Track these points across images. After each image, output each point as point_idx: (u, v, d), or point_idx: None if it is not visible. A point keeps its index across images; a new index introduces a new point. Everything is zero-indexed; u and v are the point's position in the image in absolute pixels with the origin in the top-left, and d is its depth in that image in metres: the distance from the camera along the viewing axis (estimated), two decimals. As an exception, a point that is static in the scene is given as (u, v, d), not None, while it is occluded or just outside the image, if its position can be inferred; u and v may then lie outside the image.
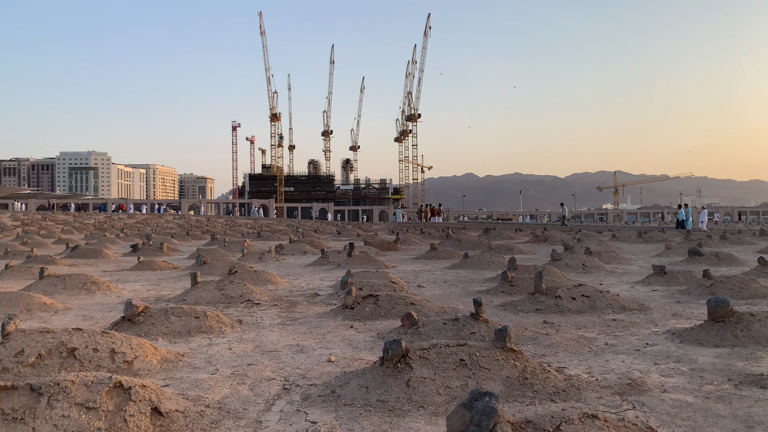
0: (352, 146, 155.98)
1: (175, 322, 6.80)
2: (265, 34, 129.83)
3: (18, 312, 8.10)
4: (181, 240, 27.24)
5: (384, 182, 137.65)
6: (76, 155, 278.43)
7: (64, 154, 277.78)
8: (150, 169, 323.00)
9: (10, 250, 19.69)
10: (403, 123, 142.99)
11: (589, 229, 31.74)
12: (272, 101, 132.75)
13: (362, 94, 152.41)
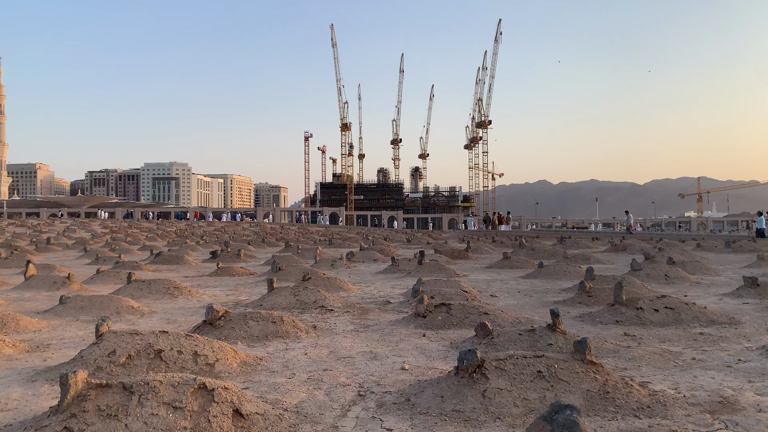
0: (421, 154, 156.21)
1: (253, 327, 7.00)
2: (336, 46, 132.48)
3: (108, 314, 8.59)
4: (257, 247, 28.09)
5: (453, 190, 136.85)
6: (160, 166, 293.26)
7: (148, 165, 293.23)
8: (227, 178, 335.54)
9: (100, 255, 20.93)
10: (473, 130, 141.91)
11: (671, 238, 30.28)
12: (343, 111, 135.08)
13: (431, 102, 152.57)
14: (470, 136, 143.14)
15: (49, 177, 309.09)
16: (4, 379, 5.18)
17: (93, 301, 9.19)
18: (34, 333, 7.54)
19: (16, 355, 6.10)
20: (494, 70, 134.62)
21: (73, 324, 8.18)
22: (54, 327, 7.95)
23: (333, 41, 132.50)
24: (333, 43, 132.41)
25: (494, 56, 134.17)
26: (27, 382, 5.08)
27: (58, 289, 11.92)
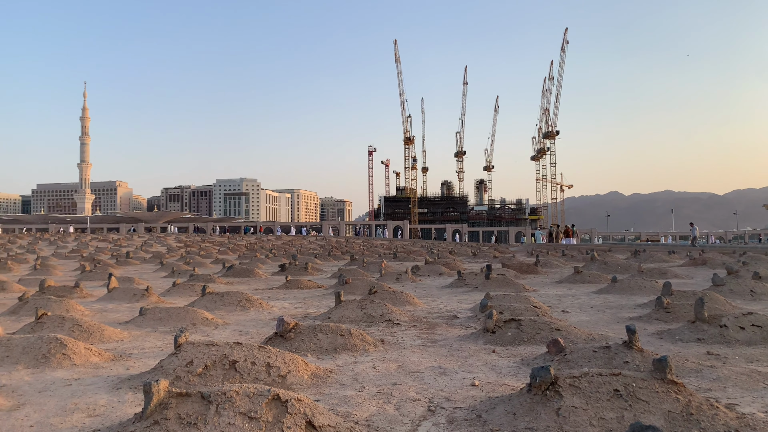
0: (486, 166, 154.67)
1: (322, 339, 7.10)
2: (399, 61, 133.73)
3: (185, 326, 8.93)
4: (323, 260, 28.51)
5: (520, 202, 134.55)
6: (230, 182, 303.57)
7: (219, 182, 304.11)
8: (294, 193, 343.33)
9: (176, 269, 21.82)
10: (539, 141, 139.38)
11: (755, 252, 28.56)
12: (406, 125, 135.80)
13: (496, 113, 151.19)
14: (537, 147, 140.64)
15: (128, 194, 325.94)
16: (91, 386, 5.47)
17: (170, 313, 9.58)
18: (117, 343, 7.93)
19: (101, 364, 6.43)
20: (561, 80, 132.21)
21: (153, 335, 8.55)
22: (135, 337, 8.34)
23: (396, 56, 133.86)
24: (396, 58, 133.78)
25: (561, 65, 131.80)
26: (112, 389, 5.34)
27: (138, 300, 12.50)
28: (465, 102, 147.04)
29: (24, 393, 5.22)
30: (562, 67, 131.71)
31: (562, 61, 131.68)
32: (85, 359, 6.42)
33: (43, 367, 6.15)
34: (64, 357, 6.33)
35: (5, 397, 5.03)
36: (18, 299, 11.84)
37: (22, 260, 29.09)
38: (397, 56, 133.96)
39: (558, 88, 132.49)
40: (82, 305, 11.63)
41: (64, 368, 6.13)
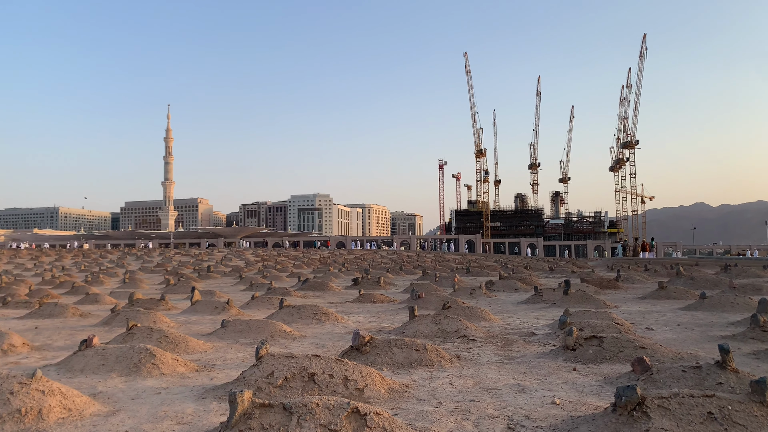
0: (562, 178, 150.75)
1: (397, 354, 7.11)
2: (470, 74, 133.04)
3: (264, 338, 9.18)
4: (395, 274, 28.60)
5: (599, 215, 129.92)
6: (304, 198, 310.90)
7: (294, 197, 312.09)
8: (365, 208, 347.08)
9: (254, 282, 22.51)
10: (618, 151, 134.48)
11: None
12: (477, 138, 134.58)
13: (571, 124, 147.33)
14: (615, 158, 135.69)
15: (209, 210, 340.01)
16: (179, 395, 5.71)
17: (250, 325, 9.88)
18: (200, 354, 8.25)
19: (187, 374, 6.70)
20: (640, 87, 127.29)
21: (234, 346, 8.84)
22: (217, 348, 8.65)
23: (467, 69, 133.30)
24: (467, 70, 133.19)
25: (639, 72, 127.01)
26: (198, 398, 5.56)
27: (219, 313, 12.97)
28: (538, 113, 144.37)
29: (118, 400, 5.52)
30: (640, 74, 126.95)
31: (641, 68, 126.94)
32: (172, 369, 6.72)
33: (135, 375, 6.49)
34: (154, 366, 6.65)
35: (102, 403, 5.34)
36: (110, 311, 12.57)
37: (112, 274, 30.90)
38: (468, 69, 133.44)
39: (636, 96, 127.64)
40: (168, 317, 12.20)
41: (154, 377, 6.44)
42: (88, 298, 16.68)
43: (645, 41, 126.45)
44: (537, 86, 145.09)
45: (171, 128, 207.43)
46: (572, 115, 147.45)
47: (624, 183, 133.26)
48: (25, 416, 4.73)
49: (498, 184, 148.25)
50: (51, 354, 8.44)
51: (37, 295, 17.58)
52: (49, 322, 12.24)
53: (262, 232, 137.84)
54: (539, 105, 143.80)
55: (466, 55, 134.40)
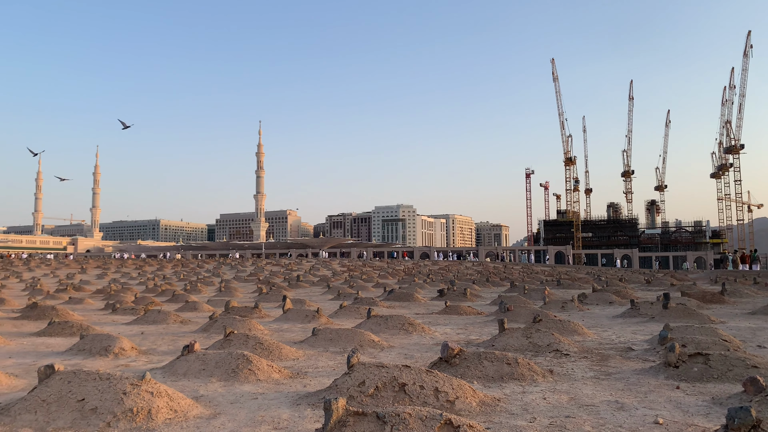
0: (658, 186, 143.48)
1: (488, 367, 7.00)
2: (557, 80, 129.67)
3: (353, 347, 9.31)
4: (481, 286, 28.21)
5: (699, 224, 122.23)
6: (388, 209, 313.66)
7: (378, 208, 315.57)
8: (449, 218, 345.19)
9: (341, 292, 22.93)
10: (720, 156, 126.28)
11: None
12: (566, 145, 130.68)
13: (667, 129, 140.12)
14: (718, 164, 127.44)
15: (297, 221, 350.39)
16: (274, 400, 5.90)
17: (339, 334, 10.06)
18: (293, 361, 8.48)
19: (281, 380, 6.92)
20: (744, 88, 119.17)
21: (324, 354, 9.03)
22: (309, 356, 8.87)
23: (554, 75, 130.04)
24: (554, 77, 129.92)
25: (744, 72, 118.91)
26: (293, 405, 5.72)
27: (309, 321, 13.30)
28: (631, 118, 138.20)
29: (219, 403, 5.78)
30: (744, 74, 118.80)
31: (745, 67, 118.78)
32: (267, 375, 6.96)
33: (233, 380, 6.77)
34: (250, 372, 6.91)
35: (204, 406, 5.61)
36: (208, 318, 13.21)
37: (209, 283, 32.47)
38: (555, 75, 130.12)
39: (741, 97, 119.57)
40: (262, 324, 12.65)
41: (251, 383, 6.70)
42: (188, 306, 17.60)
43: (749, 39, 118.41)
44: (629, 90, 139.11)
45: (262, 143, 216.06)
46: (668, 119, 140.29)
47: (727, 190, 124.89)
48: (136, 415, 5.05)
49: (589, 193, 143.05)
50: (156, 358, 8.97)
51: (142, 303, 18.76)
52: (153, 327, 13.03)
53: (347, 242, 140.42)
54: (632, 110, 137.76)
55: (553, 61, 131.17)
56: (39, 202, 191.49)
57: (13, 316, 15.37)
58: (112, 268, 50.44)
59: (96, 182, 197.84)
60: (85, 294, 24.45)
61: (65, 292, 24.96)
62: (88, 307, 18.84)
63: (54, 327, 12.04)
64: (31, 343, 10.82)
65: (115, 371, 6.79)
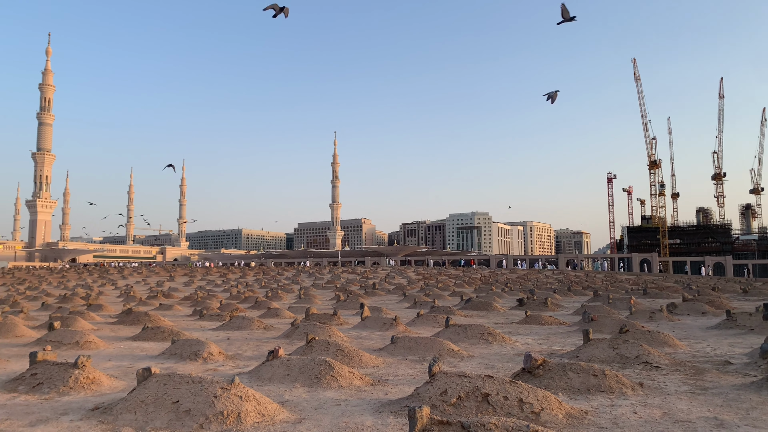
0: (753, 189, 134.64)
1: (573, 378, 6.78)
2: (639, 80, 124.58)
3: (433, 356, 9.27)
4: (562, 295, 27.38)
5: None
6: (462, 216, 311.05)
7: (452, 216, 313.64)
8: (527, 225, 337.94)
9: (417, 300, 22.90)
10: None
11: None
12: (650, 148, 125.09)
13: (763, 128, 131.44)
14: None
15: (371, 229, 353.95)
16: (357, 407, 5.97)
17: (418, 343, 10.05)
18: (373, 368, 8.55)
19: (363, 387, 6.99)
20: None
21: (404, 362, 9.04)
22: (388, 364, 8.91)
23: (636, 75, 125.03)
24: (636, 77, 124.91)
25: None
26: (375, 412, 5.76)
27: (387, 329, 13.37)
28: (722, 118, 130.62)
29: (303, 409, 5.91)
30: None
31: None
32: (349, 382, 7.05)
33: (316, 386, 6.90)
34: (333, 378, 7.02)
35: (290, 411, 5.75)
36: (290, 324, 13.55)
37: (289, 290, 33.32)
38: (637, 75, 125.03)
39: None
40: (341, 331, 12.84)
41: (333, 389, 6.80)
42: (270, 312, 18.13)
43: None
44: (719, 89, 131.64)
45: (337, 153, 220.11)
46: (764, 117, 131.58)
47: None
48: (226, 418, 5.24)
49: (676, 198, 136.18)
50: (242, 362, 9.29)
51: (227, 309, 19.50)
52: (238, 333, 13.50)
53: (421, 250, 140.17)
54: (722, 109, 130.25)
55: (635, 61, 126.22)
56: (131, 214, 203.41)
57: (111, 321, 16.38)
58: (198, 276, 52.77)
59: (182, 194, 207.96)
60: (174, 300, 25.70)
61: (156, 298, 26.36)
62: (177, 313, 19.79)
63: (147, 332, 12.73)
64: (127, 346, 11.48)
65: (205, 375, 7.08)
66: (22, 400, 6.54)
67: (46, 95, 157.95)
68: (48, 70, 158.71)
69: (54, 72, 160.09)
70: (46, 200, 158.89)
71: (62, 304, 23.44)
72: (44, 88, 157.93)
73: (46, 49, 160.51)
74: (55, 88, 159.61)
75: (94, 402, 6.31)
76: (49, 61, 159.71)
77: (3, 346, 11.53)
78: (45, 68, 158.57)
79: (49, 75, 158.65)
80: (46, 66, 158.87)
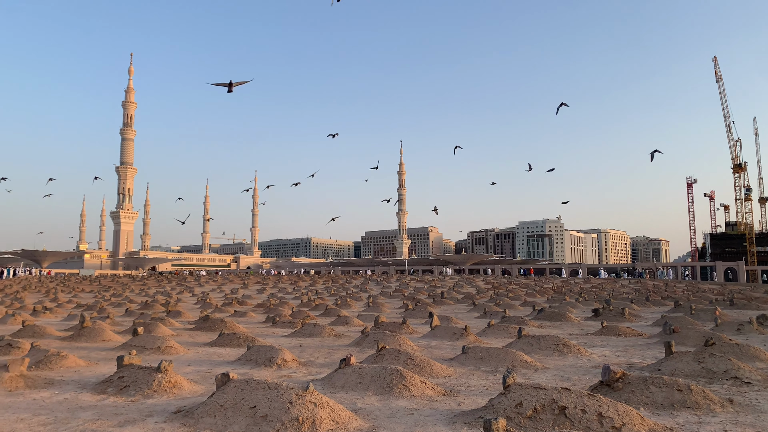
0: None
1: (655, 393, 6.47)
2: (721, 80, 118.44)
3: (506, 367, 9.09)
4: (640, 305, 26.26)
5: None
6: (532, 224, 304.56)
7: (522, 224, 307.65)
8: (601, 233, 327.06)
9: (487, 310, 22.55)
10: None
11: None
12: (734, 150, 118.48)
13: None
14: None
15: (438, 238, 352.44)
16: (429, 417, 5.92)
17: (490, 353, 9.89)
18: (444, 378, 8.48)
19: (435, 397, 6.94)
20: None
21: (475, 373, 8.91)
22: (460, 374, 8.80)
23: (717, 75, 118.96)
24: (717, 76, 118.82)
25: None
26: (449, 422, 5.70)
27: (458, 339, 13.23)
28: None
29: (376, 417, 5.92)
30: None
31: None
32: (421, 391, 7.01)
33: (388, 395, 6.91)
34: (404, 388, 7.01)
35: (363, 419, 5.78)
36: (360, 332, 13.66)
37: (357, 298, 33.62)
38: (719, 74, 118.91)
39: None
40: (410, 340, 12.81)
41: (405, 398, 6.79)
42: (340, 320, 18.34)
43: None
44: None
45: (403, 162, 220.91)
46: None
47: None
48: (302, 425, 5.33)
49: (764, 203, 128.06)
50: (315, 369, 9.43)
51: (299, 316, 19.89)
52: (310, 340, 13.73)
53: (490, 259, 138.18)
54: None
55: (716, 59, 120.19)
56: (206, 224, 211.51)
57: (189, 328, 17.04)
58: (270, 284, 54.15)
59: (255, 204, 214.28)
60: (248, 308, 26.46)
61: (231, 305, 27.22)
62: (251, 320, 20.35)
63: (224, 338, 13.15)
64: (205, 352, 11.90)
65: (280, 381, 7.23)
66: (111, 402, 6.90)
67: (129, 112, 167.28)
68: (130, 88, 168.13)
69: (135, 90, 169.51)
70: (128, 211, 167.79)
71: (144, 310, 24.63)
72: (127, 105, 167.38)
73: (128, 68, 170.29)
74: (136, 105, 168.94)
75: (176, 405, 6.57)
76: (131, 80, 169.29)
77: (92, 349, 12.22)
78: (127, 86, 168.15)
79: (131, 93, 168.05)
80: (129, 84, 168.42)
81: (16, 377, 7.83)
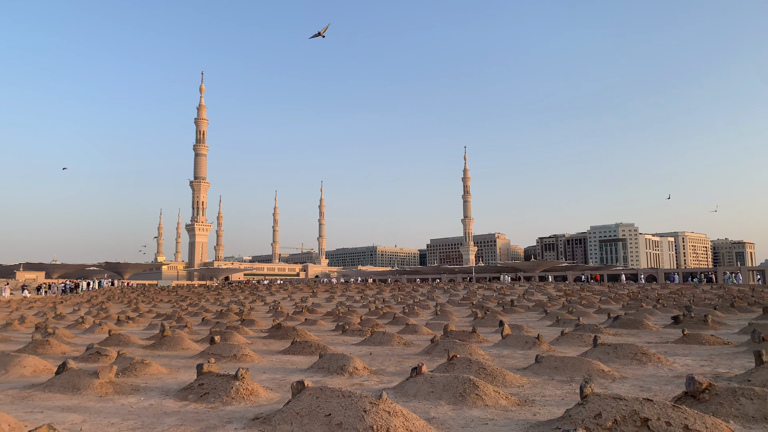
0: None
1: (746, 405, 6.11)
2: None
3: (583, 377, 8.83)
4: (725, 312, 24.88)
5: None
6: (605, 228, 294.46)
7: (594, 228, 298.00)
8: (679, 236, 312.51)
9: (560, 318, 21.97)
10: None
11: None
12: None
13: None
14: None
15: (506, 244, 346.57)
16: (504, 427, 5.83)
17: (565, 362, 9.63)
18: (518, 388, 8.32)
19: (509, 407, 6.82)
20: None
21: (550, 383, 8.70)
22: (534, 384, 8.62)
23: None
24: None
25: None
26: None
27: (530, 348, 12.96)
28: None
29: (450, 426, 5.89)
30: None
31: None
32: (494, 401, 6.91)
33: (461, 404, 6.85)
34: (477, 397, 6.94)
35: (437, 428, 5.76)
36: (430, 341, 13.61)
37: (425, 306, 33.53)
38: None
39: None
40: (481, 349, 12.66)
41: (478, 408, 6.71)
42: (408, 329, 18.34)
43: None
44: None
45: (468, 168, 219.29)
46: None
47: None
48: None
49: None
50: (386, 378, 9.47)
51: (367, 325, 20.04)
52: (379, 348, 13.81)
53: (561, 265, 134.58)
54: None
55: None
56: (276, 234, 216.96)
57: (262, 336, 17.50)
58: (338, 292, 54.85)
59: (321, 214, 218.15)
60: (318, 316, 26.90)
61: (301, 314, 27.76)
62: (321, 328, 20.68)
63: (296, 346, 13.43)
64: (278, 360, 12.19)
65: (353, 389, 7.31)
66: (192, 408, 7.18)
67: (201, 128, 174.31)
68: (202, 106, 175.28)
69: (207, 107, 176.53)
70: (202, 224, 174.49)
71: (219, 319, 25.50)
72: (199, 122, 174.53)
73: (199, 86, 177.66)
74: (208, 121, 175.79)
75: (253, 412, 6.76)
76: (202, 98, 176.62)
77: (173, 357, 12.76)
78: (199, 104, 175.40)
79: (203, 110, 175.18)
80: (200, 102, 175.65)
81: (105, 383, 8.29)
